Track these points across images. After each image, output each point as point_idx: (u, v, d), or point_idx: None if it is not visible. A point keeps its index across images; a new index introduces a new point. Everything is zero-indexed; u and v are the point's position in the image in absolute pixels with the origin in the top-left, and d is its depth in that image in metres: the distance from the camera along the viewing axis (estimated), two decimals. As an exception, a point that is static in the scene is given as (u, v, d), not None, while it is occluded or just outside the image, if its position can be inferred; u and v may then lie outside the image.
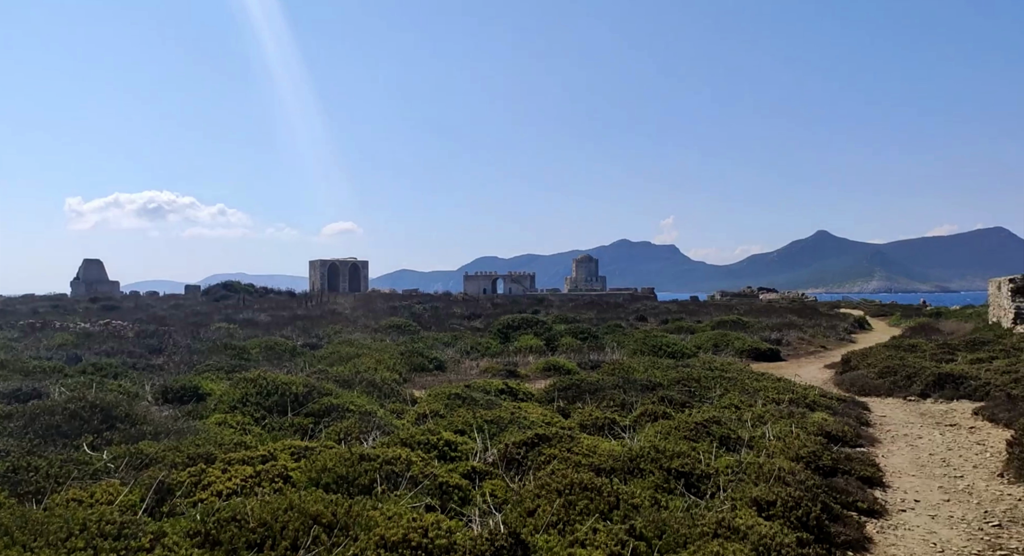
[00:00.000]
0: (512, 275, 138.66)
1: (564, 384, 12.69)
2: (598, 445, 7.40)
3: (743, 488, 6.12)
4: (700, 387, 12.65)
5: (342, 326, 29.95)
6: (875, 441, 10.27)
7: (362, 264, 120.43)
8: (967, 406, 13.50)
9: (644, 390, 12.53)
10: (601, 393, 12.12)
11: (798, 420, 10.10)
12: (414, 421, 9.82)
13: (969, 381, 14.48)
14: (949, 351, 20.91)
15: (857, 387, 16.11)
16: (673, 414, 10.78)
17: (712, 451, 7.50)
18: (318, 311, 48.74)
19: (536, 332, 27.05)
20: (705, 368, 15.62)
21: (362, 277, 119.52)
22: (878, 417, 12.68)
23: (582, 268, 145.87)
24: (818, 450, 8.02)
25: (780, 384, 13.05)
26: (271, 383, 9.55)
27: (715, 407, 11.17)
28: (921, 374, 15.37)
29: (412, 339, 26.01)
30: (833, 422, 10.27)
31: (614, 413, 10.78)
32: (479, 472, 6.71)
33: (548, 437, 7.43)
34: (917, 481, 8.08)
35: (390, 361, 17.77)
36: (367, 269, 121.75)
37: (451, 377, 19.05)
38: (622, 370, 15.14)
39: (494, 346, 25.50)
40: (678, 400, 11.69)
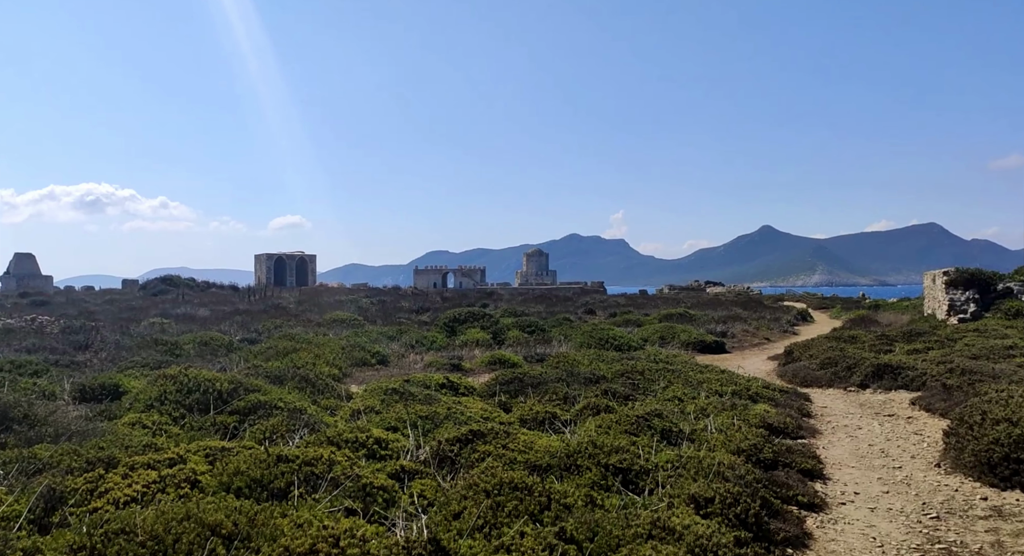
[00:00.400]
0: (462, 269, 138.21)
1: (506, 378, 12.39)
2: (535, 441, 7.10)
3: (682, 484, 5.89)
4: (644, 380, 12.49)
5: (283, 320, 29.12)
6: (816, 432, 10.23)
7: (310, 258, 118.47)
8: (905, 396, 13.65)
9: (588, 383, 12.31)
10: (544, 387, 11.85)
11: (740, 412, 9.99)
12: (348, 418, 9.40)
13: (906, 371, 14.66)
14: (887, 342, 21.28)
15: (799, 378, 16.21)
16: (616, 408, 10.58)
17: (652, 445, 7.28)
18: (261, 306, 47.58)
19: (483, 326, 26.72)
20: (650, 361, 15.50)
21: (310, 271, 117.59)
22: (819, 408, 12.71)
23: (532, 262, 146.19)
24: (759, 443, 7.87)
25: (723, 376, 12.97)
26: (192, 380, 9.00)
27: (658, 400, 11.01)
28: (861, 365, 15.52)
29: (356, 333, 25.40)
30: (775, 414, 10.19)
31: (556, 407, 10.53)
32: (408, 471, 6.35)
33: (483, 433, 7.10)
34: (857, 473, 8.00)
35: (330, 356, 17.22)
36: (315, 263, 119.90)
37: (394, 371, 18.59)
38: (567, 363, 14.92)
39: (440, 340, 25.09)
40: (622, 393, 11.49)
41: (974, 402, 8.98)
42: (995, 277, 25.46)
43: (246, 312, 39.39)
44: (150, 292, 62.94)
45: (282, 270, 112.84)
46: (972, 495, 6.97)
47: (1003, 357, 16.87)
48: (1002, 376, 13.12)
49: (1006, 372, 13.67)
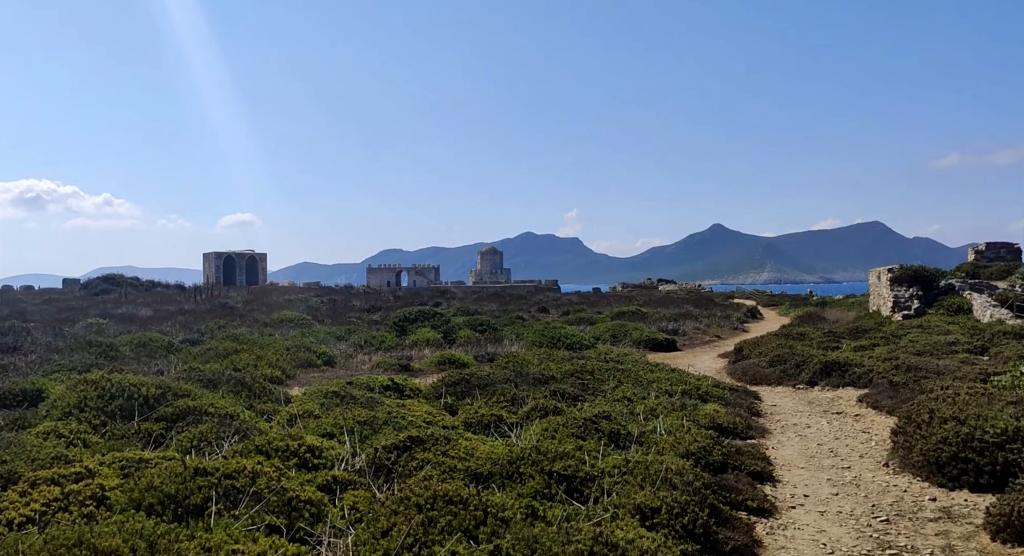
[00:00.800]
0: (416, 268, 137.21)
1: (453, 379, 12.04)
2: (478, 447, 6.78)
3: (628, 492, 5.64)
4: (594, 380, 12.28)
5: (229, 321, 28.25)
6: (766, 432, 10.13)
7: (260, 257, 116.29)
8: (852, 393, 13.72)
9: (537, 384, 12.04)
10: (492, 388, 11.54)
11: (690, 412, 9.83)
12: (285, 423, 8.96)
13: (854, 369, 14.76)
14: (834, 339, 21.54)
15: (749, 376, 16.23)
16: (565, 409, 10.33)
17: (600, 449, 7.02)
18: (207, 305, 46.33)
19: (434, 325, 26.29)
20: (600, 360, 15.32)
21: (260, 270, 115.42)
22: (769, 406, 12.67)
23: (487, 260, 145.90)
24: (708, 445, 7.69)
25: (674, 375, 12.84)
26: (116, 385, 8.44)
27: (608, 400, 10.80)
28: (809, 362, 15.59)
29: (303, 333, 24.77)
30: (724, 414, 10.06)
31: (503, 409, 10.23)
32: (341, 482, 5.97)
33: (423, 439, 6.75)
34: (807, 474, 7.88)
35: (273, 357, 16.65)
36: (265, 262, 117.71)
37: (340, 373, 18.10)
38: (516, 363, 14.64)
39: (389, 339, 24.60)
40: (571, 394, 11.25)
41: (921, 400, 8.96)
42: (938, 274, 26.03)
43: (191, 312, 38.25)
44: (92, 292, 60.81)
45: (231, 269, 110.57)
46: (921, 496, 6.88)
47: (946, 353, 17.16)
48: (946, 372, 13.26)
49: (950, 368, 13.84)
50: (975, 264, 28.95)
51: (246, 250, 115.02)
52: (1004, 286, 25.01)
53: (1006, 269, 27.24)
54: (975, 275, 27.09)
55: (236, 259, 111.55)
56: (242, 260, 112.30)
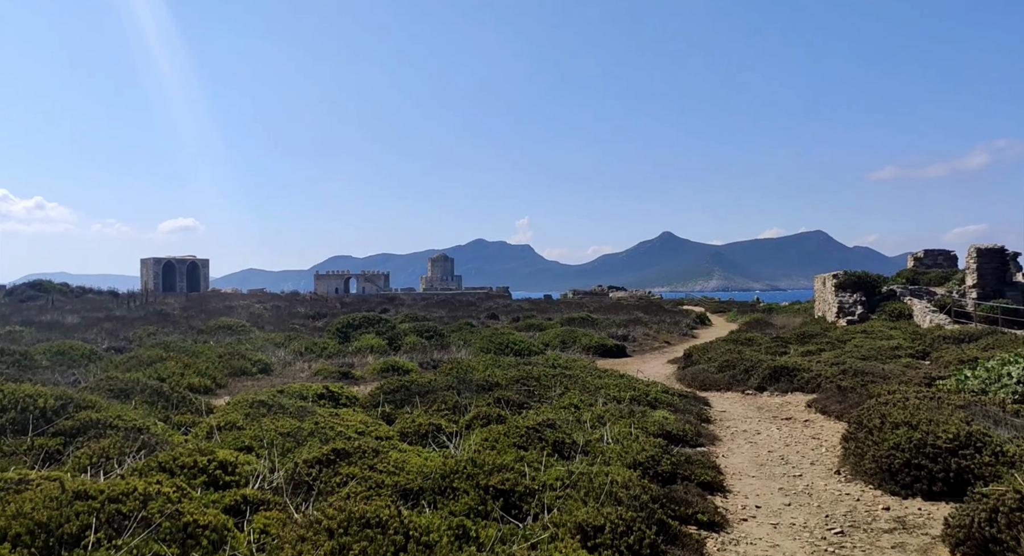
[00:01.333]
0: (365, 274, 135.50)
1: (392, 386, 11.43)
2: (409, 459, 6.23)
3: (570, 507, 5.17)
4: (540, 386, 11.81)
5: (160, 327, 27.02)
6: (716, 439, 9.79)
7: (202, 263, 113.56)
8: (801, 398, 13.55)
9: (480, 391, 11.52)
10: (433, 395, 10.97)
11: (638, 420, 9.43)
12: (204, 436, 8.25)
13: (802, 374, 14.62)
14: (782, 344, 21.56)
15: (698, 382, 15.99)
16: (509, 417, 9.84)
17: (542, 460, 6.54)
18: (141, 312, 44.64)
19: (378, 331, 25.55)
20: (548, 366, 14.88)
21: (202, 276, 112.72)
22: (718, 412, 12.39)
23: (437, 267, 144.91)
24: (657, 454, 7.28)
25: (622, 381, 12.46)
26: (7, 396, 7.62)
27: (554, 408, 10.34)
28: (758, 368, 15.42)
29: (239, 341, 23.76)
30: (674, 420, 9.70)
31: (444, 418, 9.69)
32: (253, 502, 5.36)
33: (349, 452, 6.17)
34: (758, 483, 7.53)
35: (203, 365, 15.76)
36: (208, 268, 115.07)
37: (277, 381, 17.29)
38: (460, 369, 14.09)
39: (331, 346, 23.79)
40: (516, 401, 10.76)
41: (871, 405, 8.73)
42: (880, 280, 26.39)
43: (122, 319, 36.67)
44: (17, 298, 58.01)
45: (172, 275, 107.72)
46: (874, 505, 6.58)
47: (890, 357, 17.23)
48: (892, 377, 13.21)
49: (895, 372, 13.81)
50: (914, 271, 29.55)
51: (187, 256, 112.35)
52: (942, 292, 25.47)
53: (943, 275, 27.82)
54: (915, 281, 27.60)
55: (176, 265, 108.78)
56: (183, 266, 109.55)
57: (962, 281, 25.07)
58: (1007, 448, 6.32)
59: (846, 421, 10.88)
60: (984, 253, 23.33)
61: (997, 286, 23.22)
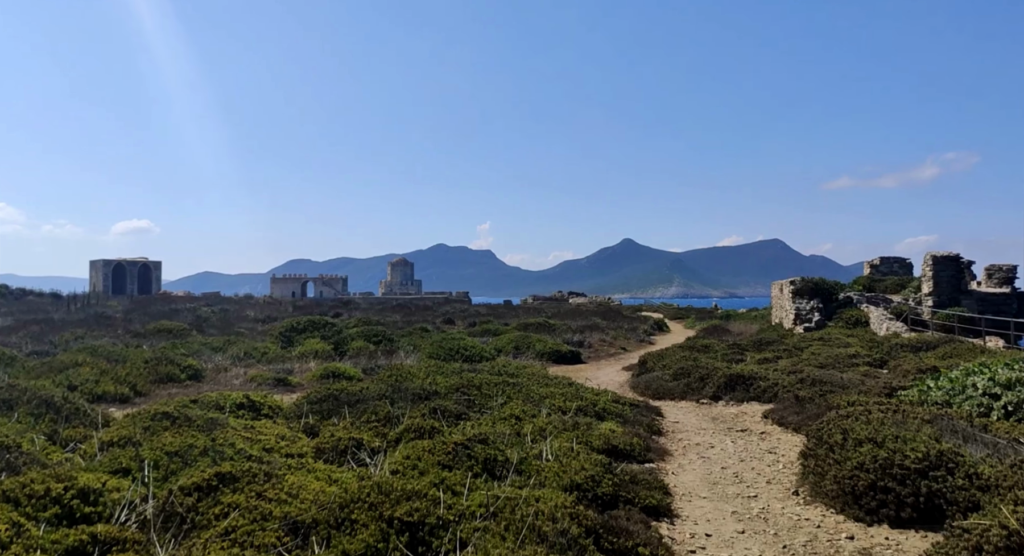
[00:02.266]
0: (323, 278, 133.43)
1: (319, 395, 10.49)
2: (307, 485, 5.35)
3: (487, 545, 4.36)
4: (481, 396, 10.98)
5: (88, 331, 25.57)
6: (666, 454, 9.08)
7: (154, 265, 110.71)
8: (757, 408, 12.96)
9: (417, 400, 10.66)
10: (363, 405, 10.08)
11: (583, 433, 8.67)
12: (95, 453, 7.25)
13: (758, 382, 14.05)
14: (739, 351, 21.09)
15: (652, 390, 15.33)
16: (444, 429, 9.01)
17: (467, 482, 5.72)
18: (81, 315, 42.82)
19: (324, 335, 24.48)
20: (493, 373, 14.07)
21: (154, 279, 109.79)
22: (671, 423, 11.71)
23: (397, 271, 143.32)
24: (598, 473, 6.51)
25: (569, 390, 11.68)
26: None
27: (493, 419, 9.53)
28: (713, 376, 14.82)
29: (174, 345, 22.51)
30: (621, 433, 8.96)
31: (371, 431, 8.82)
32: (104, 541, 4.44)
33: (236, 476, 5.27)
34: (709, 505, 6.81)
35: (123, 371, 14.61)
36: (160, 270, 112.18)
37: (206, 388, 16.21)
38: (400, 376, 13.21)
39: (273, 351, 22.68)
40: (453, 411, 9.93)
41: (832, 418, 8.09)
42: (837, 287, 26.16)
43: (59, 322, 34.99)
44: (-50, 299, 55.35)
45: (122, 278, 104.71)
46: (836, 533, 5.89)
47: (848, 366, 16.81)
48: (851, 386, 12.69)
49: (854, 382, 13.31)
50: (871, 278, 29.48)
51: (139, 258, 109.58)
52: (898, 300, 25.34)
53: (900, 283, 27.77)
54: (871, 288, 27.49)
55: (127, 267, 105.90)
56: (134, 268, 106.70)
57: (918, 289, 24.98)
58: (981, 469, 5.69)
59: (804, 434, 10.28)
60: (940, 261, 23.23)
61: (953, 294, 23.13)
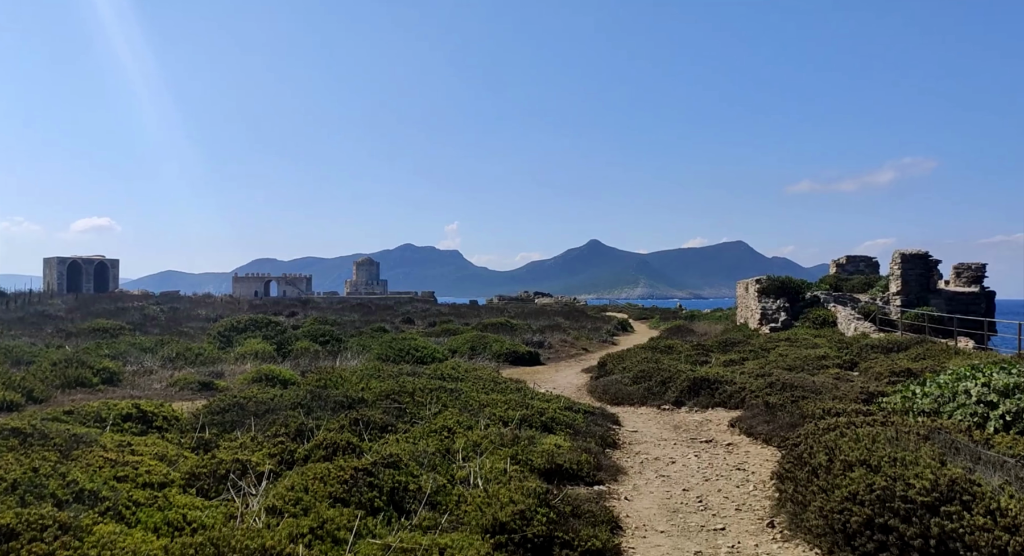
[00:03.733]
0: (287, 277, 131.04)
1: (222, 405, 9.07)
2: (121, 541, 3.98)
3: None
4: (413, 403, 9.65)
5: (17, 330, 23.69)
6: (620, 472, 7.85)
7: (111, 263, 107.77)
8: (723, 415, 11.85)
9: (339, 409, 9.31)
10: (273, 416, 8.70)
11: (523, 449, 7.42)
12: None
13: (724, 386, 12.94)
14: (703, 352, 20.04)
15: (610, 395, 14.15)
16: (362, 445, 7.71)
17: (355, 525, 4.42)
18: (19, 313, 40.64)
19: (266, 335, 22.90)
20: (436, 377, 12.75)
21: (111, 277, 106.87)
22: (628, 434, 10.52)
23: (363, 271, 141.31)
24: (531, 506, 5.25)
25: (515, 397, 10.38)
26: None
27: (422, 431, 8.22)
28: (676, 379, 13.69)
29: (99, 344, 20.79)
30: (568, 449, 7.72)
31: (276, 447, 7.46)
32: None
33: (15, 532, 3.88)
34: (668, 543, 5.59)
35: (16, 377, 13.00)
36: (117, 268, 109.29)
37: (122, 392, 14.63)
38: (329, 380, 11.82)
39: (209, 352, 21.07)
40: (378, 422, 8.60)
41: (811, 432, 6.93)
42: (803, 286, 25.32)
43: None
44: None
45: (77, 276, 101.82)
46: (825, 582, 4.71)
47: (817, 367, 15.82)
48: (823, 391, 11.61)
49: (826, 386, 12.23)
50: (837, 277, 28.74)
51: (95, 256, 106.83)
52: (866, 299, 24.57)
53: (867, 282, 27.04)
54: (838, 288, 26.71)
55: (83, 265, 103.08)
56: (90, 266, 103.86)
57: (886, 288, 24.22)
58: (1004, 503, 4.55)
59: (775, 446, 9.17)
60: (909, 259, 22.48)
61: (921, 293, 22.40)
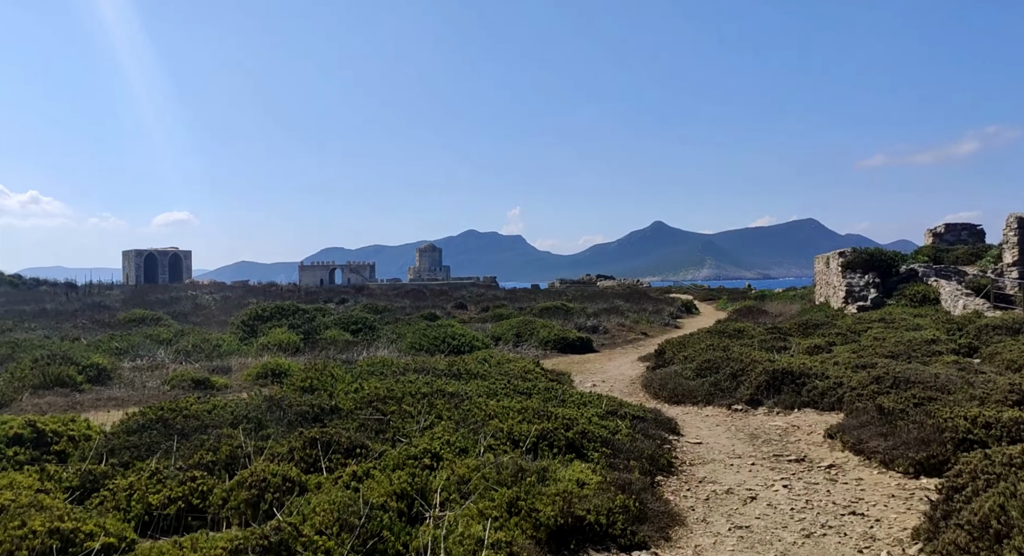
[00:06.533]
0: (351, 265, 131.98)
1: (146, 420, 6.92)
2: None
3: None
4: (400, 413, 7.31)
5: (14, 323, 22.54)
6: (674, 523, 5.33)
7: (184, 254, 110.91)
8: (815, 419, 9.18)
9: (302, 422, 7.08)
10: (203, 435, 6.52)
11: (528, 489, 5.01)
12: None
13: (813, 381, 10.21)
14: (780, 336, 17.12)
15: (668, 391, 11.58)
16: (307, 481, 5.48)
17: None
18: (76, 304, 40.65)
19: (293, 324, 21.04)
20: (448, 373, 10.41)
21: (184, 268, 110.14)
22: (690, 447, 8.00)
23: (425, 257, 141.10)
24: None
25: (533, 403, 7.86)
26: None
27: (397, 458, 5.90)
28: (750, 371, 11.02)
29: (112, 336, 19.33)
30: (597, 488, 5.27)
31: (184, 487, 5.28)
32: None
33: None
34: None
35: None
36: (190, 259, 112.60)
37: (109, 393, 12.86)
38: (316, 380, 9.62)
39: (229, 343, 19.35)
40: (345, 443, 6.32)
41: (980, 466, 4.30)
42: (897, 258, 22.00)
43: (51, 312, 32.78)
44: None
45: (154, 267, 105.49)
46: None
47: (928, 355, 12.83)
48: (953, 389, 8.78)
49: (953, 381, 9.34)
50: (935, 247, 25.14)
51: (169, 248, 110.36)
52: (974, 272, 21.13)
53: (973, 252, 23.45)
54: (938, 259, 23.24)
55: (159, 257, 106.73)
56: (165, 258, 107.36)
57: (998, 258, 20.74)
58: None
59: (901, 472, 6.52)
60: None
61: (1042, 263, 18.89)
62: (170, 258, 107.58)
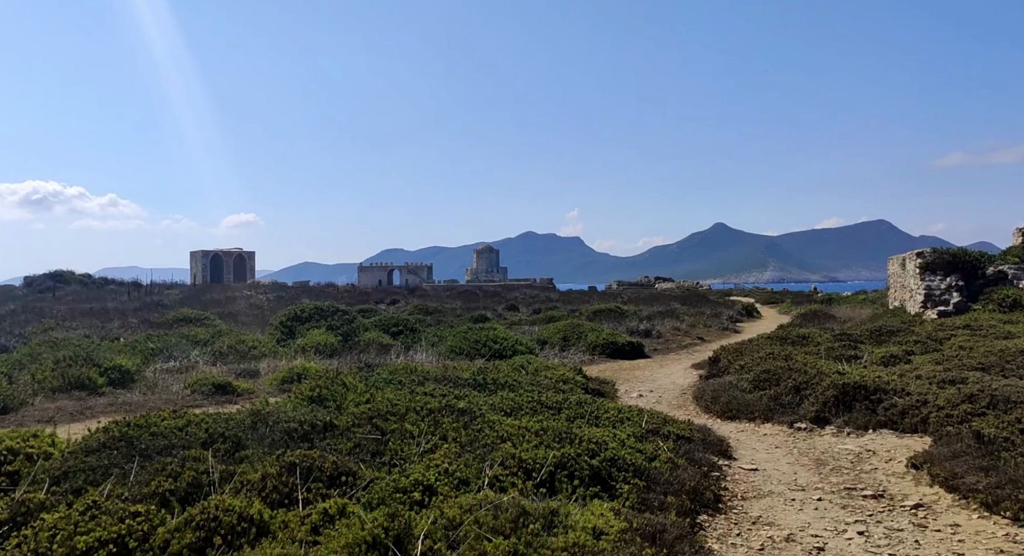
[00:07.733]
0: (409, 266, 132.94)
1: (111, 437, 6.09)
2: None
3: None
4: (400, 434, 6.33)
5: (56, 322, 22.50)
6: (716, 586, 4.22)
7: (248, 255, 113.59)
8: (894, 443, 7.85)
9: (289, 441, 6.18)
10: (170, 455, 5.67)
11: (530, 540, 3.96)
12: None
13: (891, 397, 8.84)
14: (850, 344, 15.56)
15: (721, 405, 10.32)
16: (272, 519, 4.57)
17: None
18: (137, 303, 41.48)
19: (331, 325, 20.40)
20: (471, 383, 9.40)
21: (248, 268, 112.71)
22: (743, 474, 6.81)
23: (482, 259, 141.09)
24: None
25: (557, 423, 6.78)
26: None
27: (384, 489, 4.92)
28: (815, 385, 9.69)
29: (149, 336, 19.03)
30: (617, 537, 4.18)
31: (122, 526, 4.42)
32: None
33: None
34: None
35: None
36: (253, 260, 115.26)
37: (129, 397, 12.29)
38: (325, 389, 8.75)
39: (265, 344, 18.82)
40: (329, 469, 5.37)
41: None
42: (983, 259, 20.05)
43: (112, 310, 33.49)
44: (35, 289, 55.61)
45: (219, 267, 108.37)
46: None
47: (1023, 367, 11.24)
48: (1067, 411, 7.33)
49: (1064, 401, 7.88)
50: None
51: (234, 249, 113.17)
52: (1071, 273, 19.06)
53: (1068, 252, 21.25)
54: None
55: (223, 258, 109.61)
56: (229, 258, 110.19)
57: (1100, 258, 18.64)
58: None
59: (1010, 517, 5.23)
60: None
61: None
62: (235, 259, 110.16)
